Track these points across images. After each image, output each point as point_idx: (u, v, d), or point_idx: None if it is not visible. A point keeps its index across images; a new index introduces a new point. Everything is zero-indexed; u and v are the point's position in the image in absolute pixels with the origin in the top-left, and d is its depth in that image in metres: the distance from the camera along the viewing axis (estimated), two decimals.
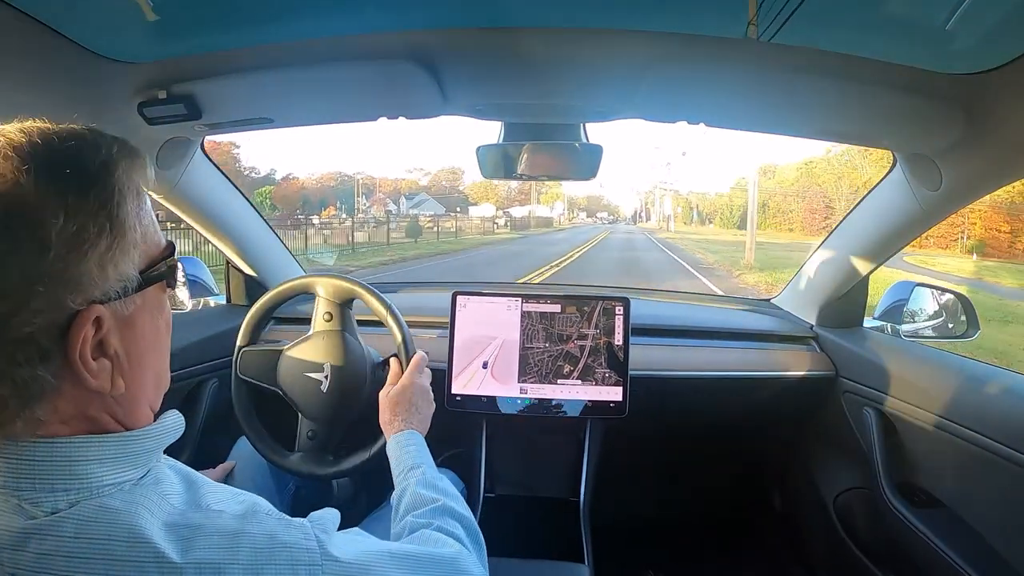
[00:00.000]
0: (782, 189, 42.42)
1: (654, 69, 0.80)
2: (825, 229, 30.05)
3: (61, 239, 0.36)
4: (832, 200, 36.63)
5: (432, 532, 0.62)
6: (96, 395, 0.41)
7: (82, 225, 0.37)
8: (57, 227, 0.36)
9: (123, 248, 0.40)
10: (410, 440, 0.82)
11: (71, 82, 0.79)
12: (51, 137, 0.39)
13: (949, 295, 1.36)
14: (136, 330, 0.44)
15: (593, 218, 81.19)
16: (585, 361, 1.21)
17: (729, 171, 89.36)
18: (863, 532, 1.28)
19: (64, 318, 0.38)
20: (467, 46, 0.81)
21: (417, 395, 0.89)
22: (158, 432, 0.46)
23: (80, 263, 0.38)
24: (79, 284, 0.38)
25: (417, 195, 60.41)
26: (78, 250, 0.37)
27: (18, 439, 0.39)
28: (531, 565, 1.03)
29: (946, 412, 1.00)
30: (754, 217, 18.22)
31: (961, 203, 1.02)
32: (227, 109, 0.94)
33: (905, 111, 0.83)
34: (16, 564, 0.37)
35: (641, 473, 1.73)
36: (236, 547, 0.41)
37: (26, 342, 0.36)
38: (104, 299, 0.40)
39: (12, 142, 0.37)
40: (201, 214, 1.26)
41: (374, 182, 63.75)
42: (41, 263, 0.36)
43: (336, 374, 0.99)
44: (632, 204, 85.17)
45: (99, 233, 0.39)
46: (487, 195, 67.63)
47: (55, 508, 0.38)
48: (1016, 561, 0.89)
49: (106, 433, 0.42)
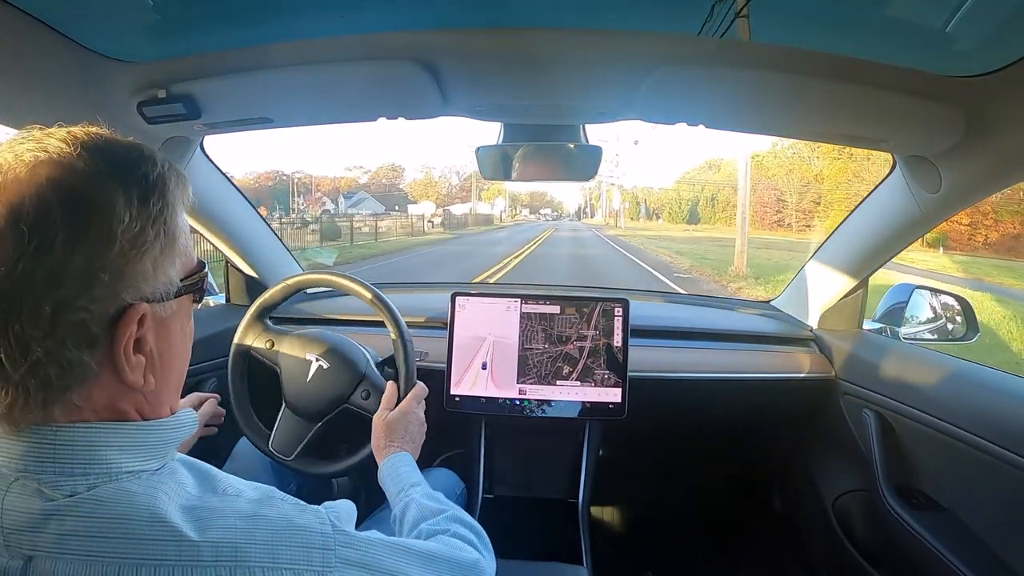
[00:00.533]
0: (731, 183, 40.74)
1: (655, 71, 0.80)
2: (777, 223, 28.02)
3: (126, 237, 0.40)
4: (783, 193, 36.46)
5: (451, 538, 0.64)
6: (128, 389, 0.43)
7: (143, 228, 0.41)
8: (123, 225, 0.39)
9: (171, 255, 0.44)
10: (406, 461, 0.85)
11: (70, 81, 0.79)
12: (113, 145, 0.42)
13: (948, 297, 1.36)
14: (169, 332, 0.46)
15: (536, 215, 79.17)
16: (584, 362, 1.21)
17: (674, 165, 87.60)
18: (862, 534, 1.28)
19: (116, 310, 0.40)
20: (468, 47, 0.81)
21: (414, 423, 0.94)
22: (175, 425, 0.48)
23: (138, 262, 0.41)
24: (134, 281, 0.41)
25: (356, 193, 57.36)
26: (138, 249, 0.41)
27: (48, 424, 0.40)
28: (530, 566, 1.03)
29: (945, 415, 1.00)
30: (746, 213, 13.99)
31: (961, 205, 1.02)
32: (226, 109, 0.94)
33: (905, 113, 0.83)
34: (35, 545, 0.38)
35: (640, 474, 1.72)
36: (252, 528, 0.42)
37: (79, 327, 0.39)
38: (152, 298, 0.43)
39: (79, 141, 0.40)
40: (200, 213, 1.26)
41: (312, 181, 62.09)
42: (107, 255, 0.39)
43: (331, 360, 1.03)
44: (575, 200, 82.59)
45: (156, 237, 0.42)
46: (427, 192, 65.51)
47: (74, 491, 0.39)
48: (1015, 563, 0.89)
49: (126, 422, 0.44)
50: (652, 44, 0.77)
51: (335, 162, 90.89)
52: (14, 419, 0.39)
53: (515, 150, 1.08)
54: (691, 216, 49.38)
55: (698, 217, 48.54)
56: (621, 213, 49.93)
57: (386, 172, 70.31)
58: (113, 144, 0.42)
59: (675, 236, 30.73)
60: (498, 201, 65.45)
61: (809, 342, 1.42)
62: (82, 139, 0.40)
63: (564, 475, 1.30)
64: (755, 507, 1.70)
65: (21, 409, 0.39)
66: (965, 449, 0.95)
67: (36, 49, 0.71)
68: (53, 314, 0.37)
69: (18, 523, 0.38)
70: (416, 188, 67.82)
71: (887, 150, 1.02)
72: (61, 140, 0.40)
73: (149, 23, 0.73)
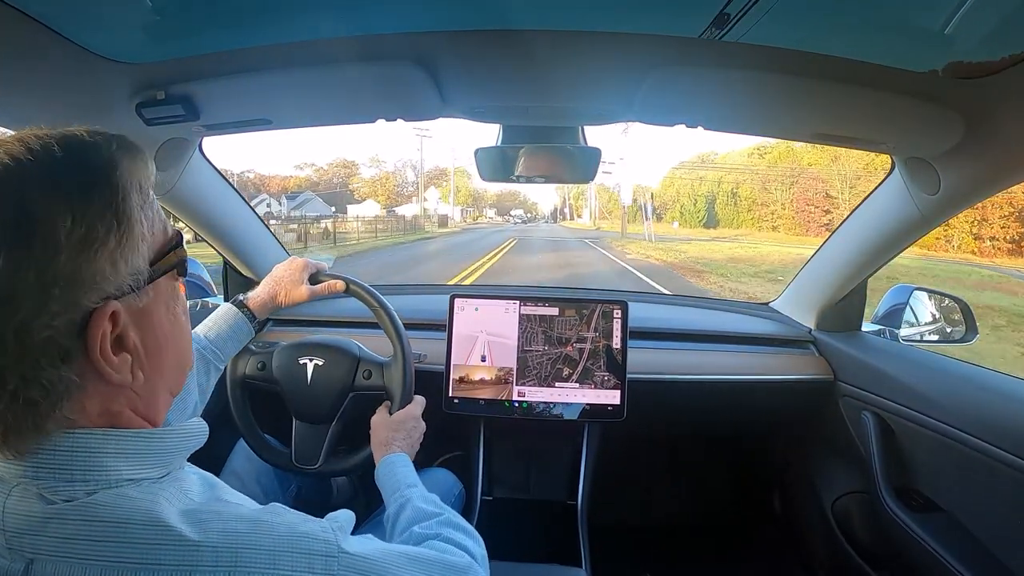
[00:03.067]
0: (760, 172, 29.50)
1: (654, 72, 0.80)
2: (827, 227, 21.47)
3: (71, 241, 0.37)
4: (829, 186, 27.70)
5: (441, 542, 0.64)
6: (118, 389, 0.42)
7: (90, 225, 0.38)
8: (66, 230, 0.37)
9: (132, 243, 0.41)
10: (404, 462, 0.86)
11: (69, 82, 0.79)
12: (50, 143, 0.39)
13: (948, 299, 1.36)
14: (153, 321, 0.45)
15: (505, 217, 64.97)
16: (584, 364, 1.21)
17: (674, 153, 71.12)
18: (862, 536, 1.28)
19: (81, 317, 0.39)
20: (466, 48, 0.81)
21: (415, 428, 0.95)
22: (179, 434, 0.46)
23: (92, 262, 0.38)
24: (93, 283, 0.39)
25: (300, 194, 49.69)
26: (89, 250, 0.38)
27: (49, 436, 0.40)
28: (529, 568, 1.02)
29: (944, 416, 1.00)
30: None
31: (960, 207, 1.02)
32: (225, 110, 0.93)
33: (904, 115, 0.83)
34: (36, 549, 0.38)
35: (639, 476, 1.72)
36: (254, 532, 0.42)
37: (47, 344, 0.37)
38: (118, 294, 0.41)
39: (11, 153, 0.38)
40: (199, 215, 1.26)
41: (263, 180, 57.87)
42: (54, 266, 0.37)
43: (324, 355, 1.04)
44: (551, 200, 68.33)
45: (107, 231, 0.39)
46: (375, 192, 57.66)
47: (73, 496, 0.39)
48: (1015, 565, 0.89)
49: (126, 429, 0.43)
50: (651, 46, 0.77)
51: (286, 160, 78.00)
52: (11, 447, 0.39)
53: (514, 151, 1.08)
54: (708, 218, 37.73)
55: (716, 219, 36.43)
56: (653, 217, 33.73)
57: (338, 169, 61.71)
58: (48, 144, 0.39)
59: (744, 257, 18.37)
60: (431, 194, 49.32)
61: (808, 344, 1.42)
62: (13, 151, 0.38)
63: (563, 477, 1.30)
64: (754, 509, 1.70)
65: (15, 437, 0.38)
66: (964, 451, 0.95)
67: (34, 50, 0.71)
68: (17, 338, 0.36)
69: (20, 526, 0.38)
70: (367, 186, 60.24)
71: (886, 152, 1.02)
72: (5, 146, 0.38)
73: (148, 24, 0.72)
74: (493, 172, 1.12)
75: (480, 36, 0.78)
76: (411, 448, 0.92)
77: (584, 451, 1.28)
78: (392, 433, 0.92)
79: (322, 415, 1.03)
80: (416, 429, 0.96)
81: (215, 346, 0.91)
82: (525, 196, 72.62)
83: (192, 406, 0.83)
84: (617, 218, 32.53)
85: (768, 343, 1.42)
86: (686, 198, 38.85)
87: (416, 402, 1.00)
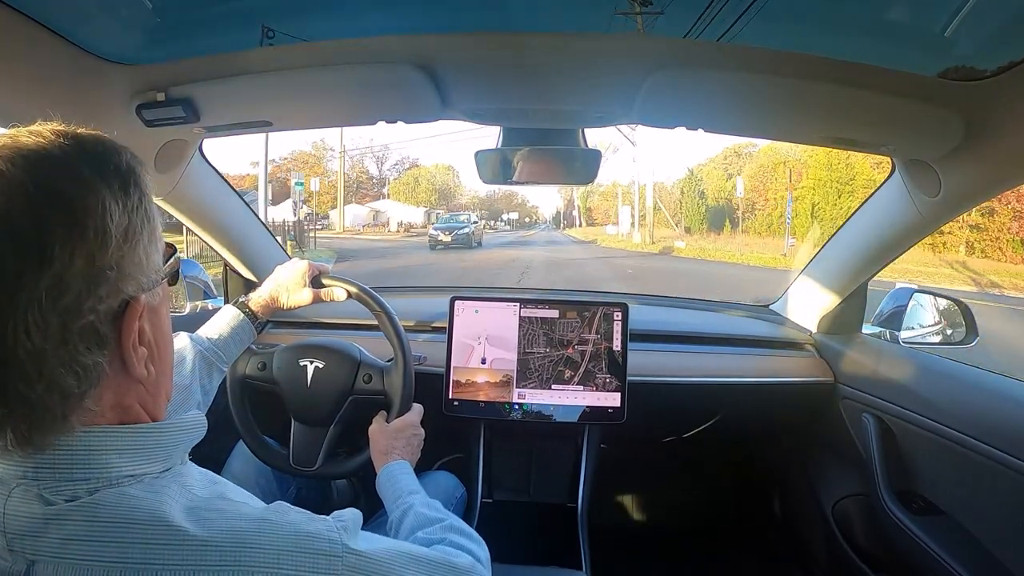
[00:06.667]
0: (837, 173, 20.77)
1: (653, 74, 0.80)
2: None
3: (119, 230, 0.39)
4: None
5: (447, 547, 0.64)
6: (133, 382, 0.43)
7: (131, 219, 0.40)
8: (115, 219, 0.39)
9: (155, 242, 0.43)
10: (405, 469, 0.86)
11: (69, 84, 0.79)
12: (85, 137, 0.41)
13: (948, 302, 1.36)
14: (160, 319, 0.46)
15: (495, 222, 47.69)
16: (586, 366, 1.21)
17: (695, 150, 60.80)
18: (862, 539, 1.27)
19: (119, 305, 0.40)
20: (466, 50, 0.81)
21: (414, 435, 0.95)
22: (177, 428, 0.46)
23: (133, 253, 0.40)
24: (131, 273, 0.40)
25: (246, 193, 33.29)
26: (132, 240, 0.40)
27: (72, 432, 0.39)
28: (529, 571, 1.02)
29: (945, 419, 1.00)
30: None
31: (960, 209, 1.02)
32: (226, 112, 0.93)
33: (904, 117, 0.83)
34: (37, 551, 0.37)
35: (639, 479, 1.72)
36: (258, 530, 0.41)
37: (89, 329, 0.38)
38: (146, 288, 0.42)
39: (54, 143, 0.39)
40: (199, 216, 1.26)
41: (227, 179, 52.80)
42: (105, 252, 0.38)
43: (325, 358, 1.03)
44: (553, 203, 54.01)
45: (142, 226, 0.41)
46: (329, 188, 36.87)
47: (75, 496, 0.39)
48: (1015, 567, 0.89)
49: (125, 425, 0.43)
50: (651, 48, 0.77)
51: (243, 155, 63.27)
52: (36, 441, 0.38)
53: (514, 153, 1.08)
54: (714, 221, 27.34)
55: (723, 222, 26.74)
56: (638, 222, 24.62)
57: (296, 164, 42.22)
58: (85, 138, 0.41)
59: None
60: (348, 209, 31.70)
61: (808, 346, 1.41)
62: (55, 141, 0.39)
63: (563, 479, 1.30)
64: (755, 511, 1.70)
65: (44, 427, 0.37)
66: (965, 453, 0.95)
67: (35, 51, 0.71)
68: (62, 321, 0.36)
69: (21, 528, 0.38)
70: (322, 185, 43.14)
71: (886, 154, 1.02)
72: (35, 137, 0.39)
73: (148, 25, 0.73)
74: (493, 174, 1.11)
75: (480, 38, 0.78)
76: (411, 456, 0.92)
77: (584, 453, 1.27)
78: (392, 441, 0.92)
79: (321, 417, 1.02)
80: (416, 436, 0.96)
81: (218, 347, 0.90)
82: (524, 199, 61.60)
83: (195, 407, 0.83)
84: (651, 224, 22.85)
85: (768, 345, 1.42)
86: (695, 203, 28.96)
87: (414, 410, 0.99)
